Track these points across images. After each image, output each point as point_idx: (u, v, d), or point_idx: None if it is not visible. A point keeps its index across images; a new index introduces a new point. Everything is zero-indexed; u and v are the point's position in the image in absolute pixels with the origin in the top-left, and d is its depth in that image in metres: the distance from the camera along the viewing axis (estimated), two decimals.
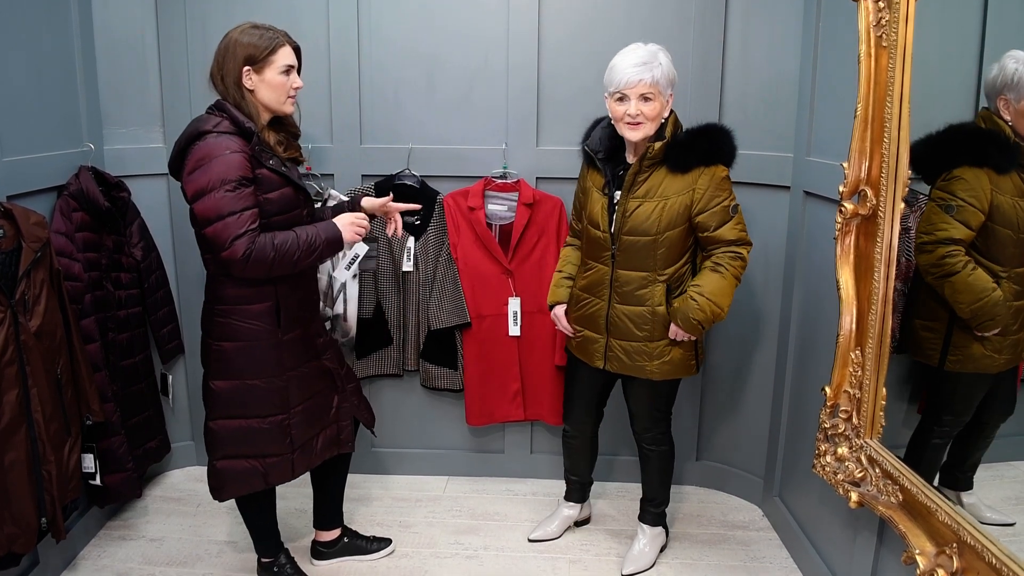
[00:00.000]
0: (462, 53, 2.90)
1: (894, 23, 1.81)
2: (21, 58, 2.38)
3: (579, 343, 2.49)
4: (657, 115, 2.20)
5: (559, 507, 2.86)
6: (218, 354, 2.17)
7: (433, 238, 2.98)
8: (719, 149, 2.25)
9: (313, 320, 2.34)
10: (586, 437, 2.69)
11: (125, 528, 2.84)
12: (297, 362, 2.24)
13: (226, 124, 2.03)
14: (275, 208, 2.09)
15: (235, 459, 2.23)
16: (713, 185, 2.23)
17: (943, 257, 1.71)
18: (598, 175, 2.37)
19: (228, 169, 1.96)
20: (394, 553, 2.72)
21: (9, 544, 2.04)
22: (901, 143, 1.83)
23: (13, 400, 1.99)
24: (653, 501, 2.67)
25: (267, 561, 2.49)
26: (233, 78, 2.07)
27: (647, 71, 2.13)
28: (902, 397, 2.01)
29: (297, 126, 2.28)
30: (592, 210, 2.36)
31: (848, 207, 2.00)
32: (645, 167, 2.24)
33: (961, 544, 1.60)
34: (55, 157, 2.52)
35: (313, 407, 2.32)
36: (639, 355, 2.36)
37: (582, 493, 2.83)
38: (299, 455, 2.29)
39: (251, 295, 2.12)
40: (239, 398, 2.18)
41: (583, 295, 2.45)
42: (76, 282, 2.44)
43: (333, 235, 2.14)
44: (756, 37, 2.78)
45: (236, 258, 1.95)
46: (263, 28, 2.10)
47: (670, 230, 2.25)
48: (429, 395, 3.20)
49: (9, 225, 2.06)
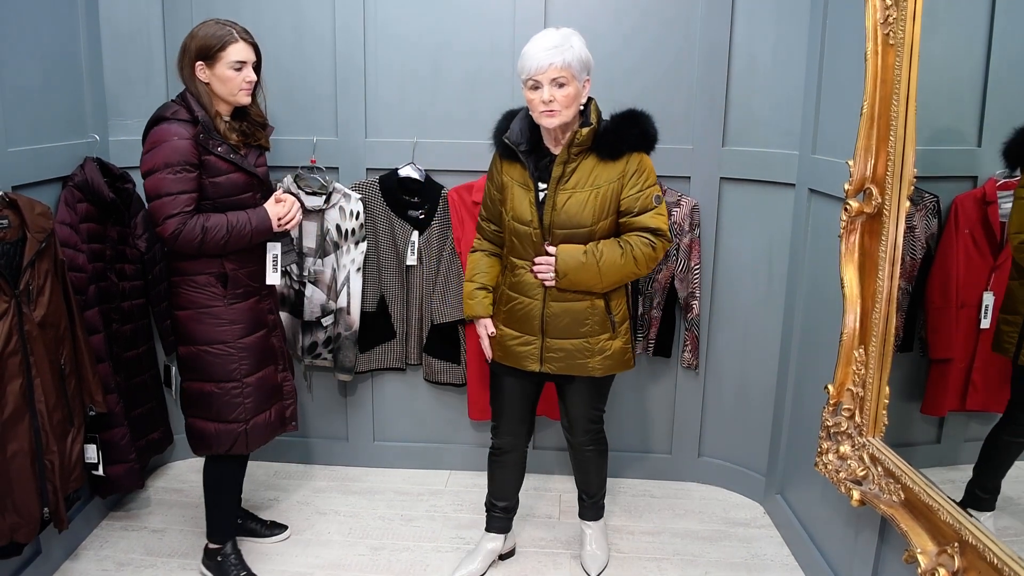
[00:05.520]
0: (468, 46, 2.90)
1: (901, 21, 1.80)
2: (26, 49, 2.38)
3: (505, 349, 2.33)
4: (573, 101, 2.08)
5: (481, 541, 2.62)
6: (177, 321, 2.34)
7: (437, 232, 2.98)
8: (647, 135, 2.17)
9: (265, 296, 2.45)
10: (520, 452, 2.51)
11: (127, 519, 2.85)
12: (246, 332, 2.36)
13: (182, 112, 2.21)
14: (221, 192, 2.25)
15: (201, 420, 2.37)
16: (642, 171, 2.17)
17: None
18: (518, 168, 2.24)
19: (172, 153, 2.15)
20: (395, 547, 2.73)
21: (11, 533, 2.05)
22: (907, 141, 1.82)
23: (16, 390, 2.00)
24: (595, 496, 2.63)
25: (214, 547, 2.50)
26: (188, 72, 2.24)
27: (557, 54, 2.03)
28: (904, 396, 2.01)
29: (263, 114, 2.43)
30: (517, 206, 2.23)
31: (853, 205, 1.99)
32: (573, 155, 2.15)
33: (962, 543, 1.60)
34: (60, 148, 2.52)
35: (264, 382, 2.42)
36: (580, 353, 2.26)
37: (508, 521, 2.62)
38: (252, 428, 2.38)
39: (198, 266, 2.27)
40: (196, 363, 2.33)
41: (512, 295, 2.29)
42: (80, 273, 2.44)
43: (262, 222, 2.29)
44: (762, 33, 2.77)
45: (165, 235, 2.16)
46: (221, 24, 2.24)
47: (604, 219, 2.17)
48: (432, 389, 3.21)
49: (14, 215, 2.06)
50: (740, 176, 2.89)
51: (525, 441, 2.52)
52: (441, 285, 2.98)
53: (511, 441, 2.48)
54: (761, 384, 2.97)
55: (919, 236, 1.91)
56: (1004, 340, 1.73)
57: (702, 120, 2.82)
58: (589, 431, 2.48)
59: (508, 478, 2.56)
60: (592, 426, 2.48)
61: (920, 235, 1.91)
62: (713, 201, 2.91)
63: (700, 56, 2.81)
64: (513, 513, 2.62)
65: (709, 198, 2.90)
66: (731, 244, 2.97)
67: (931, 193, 1.87)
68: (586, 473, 2.58)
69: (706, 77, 2.83)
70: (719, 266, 3.00)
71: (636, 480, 3.21)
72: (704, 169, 2.87)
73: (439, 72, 2.93)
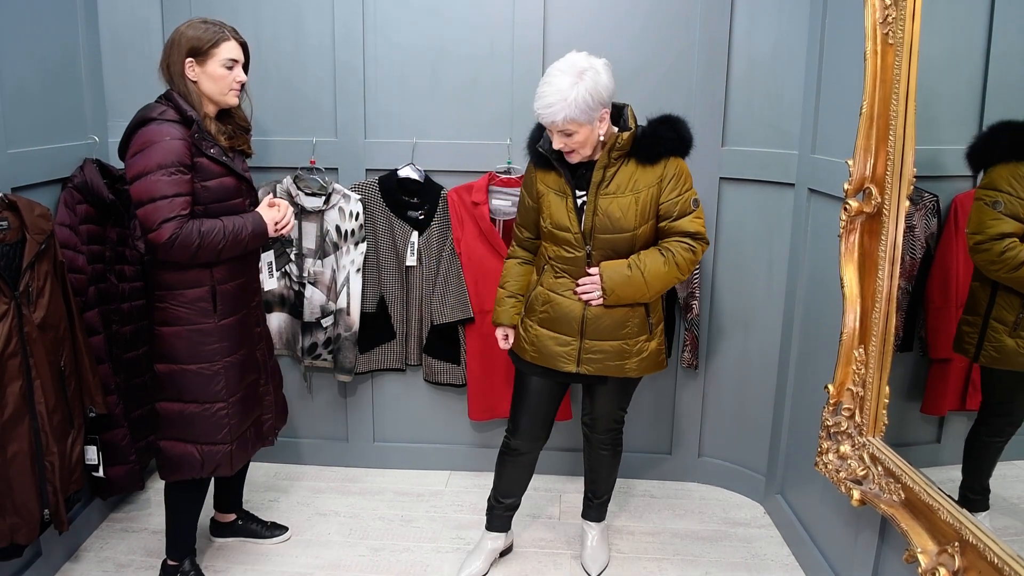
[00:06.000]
0: (467, 48, 2.90)
1: (901, 20, 1.80)
2: (26, 50, 2.38)
3: (540, 349, 2.30)
4: (587, 141, 2.10)
5: (482, 540, 2.62)
6: (159, 338, 2.23)
7: (437, 233, 2.98)
8: (683, 139, 2.18)
9: (252, 308, 2.38)
10: (535, 454, 2.49)
11: (127, 520, 2.85)
12: (233, 350, 2.27)
13: (171, 112, 2.12)
14: (213, 196, 2.17)
15: (176, 441, 2.27)
16: (680, 175, 2.18)
17: (1002, 253, 1.66)
18: (552, 176, 2.24)
19: (167, 154, 2.05)
20: (395, 548, 2.73)
21: (12, 535, 2.05)
22: (907, 141, 1.82)
23: (16, 392, 2.00)
24: (602, 497, 2.64)
25: (172, 564, 2.44)
26: (178, 69, 2.16)
27: (557, 113, 2.01)
28: (904, 395, 2.00)
29: (247, 119, 2.36)
30: (555, 213, 2.22)
31: (853, 205, 1.99)
32: (614, 159, 2.15)
33: (963, 543, 1.60)
34: (60, 149, 2.52)
35: (247, 397, 2.34)
36: (619, 354, 2.26)
37: (509, 520, 2.62)
38: (237, 447, 2.31)
39: (187, 280, 2.18)
40: (177, 382, 2.23)
41: (551, 295, 2.27)
42: (80, 274, 2.44)
43: (259, 227, 2.22)
44: (762, 33, 2.77)
45: (161, 241, 2.03)
46: (210, 23, 2.18)
47: (645, 223, 2.18)
48: (431, 389, 3.21)
49: (13, 217, 2.06)
50: (740, 176, 2.89)
51: (542, 444, 2.49)
52: (441, 286, 2.98)
53: (528, 444, 2.45)
54: (761, 384, 2.97)
55: (919, 236, 1.91)
56: (964, 341, 1.78)
57: (702, 120, 2.81)
58: (611, 430, 2.50)
59: (518, 478, 2.54)
60: (615, 426, 2.50)
61: (920, 234, 1.91)
62: (713, 201, 2.91)
63: (700, 56, 2.81)
64: (514, 512, 2.62)
65: (709, 198, 2.90)
66: (731, 244, 2.97)
67: (931, 192, 1.87)
68: (597, 473, 2.59)
69: (706, 77, 2.83)
70: (719, 266, 3.00)
71: (636, 480, 3.21)
72: (704, 169, 2.86)
73: (438, 72, 2.93)
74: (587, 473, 2.63)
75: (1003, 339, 1.68)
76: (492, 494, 2.59)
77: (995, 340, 1.70)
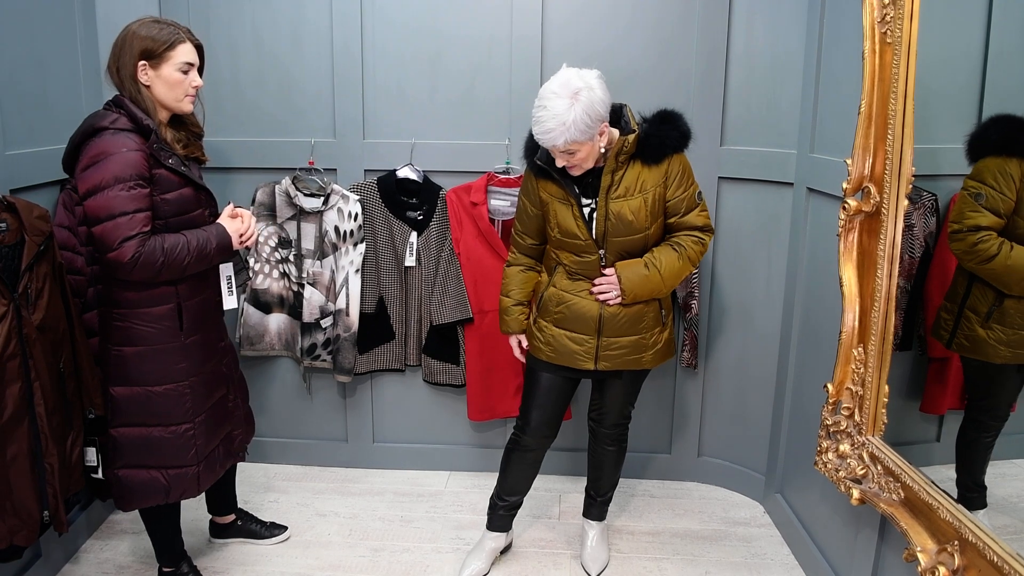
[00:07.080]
0: (466, 48, 2.90)
1: (898, 19, 1.80)
2: (24, 51, 2.38)
3: (557, 349, 2.31)
4: (590, 154, 2.09)
5: (482, 540, 2.63)
6: (118, 359, 2.12)
7: (436, 233, 2.98)
8: (685, 135, 2.19)
9: (216, 324, 2.29)
10: (543, 451, 2.49)
11: (127, 522, 2.85)
12: (199, 368, 2.19)
13: (123, 121, 1.98)
14: (172, 209, 2.05)
15: (137, 468, 2.17)
16: (684, 172, 2.19)
17: (975, 244, 1.69)
18: (553, 185, 2.23)
19: (124, 167, 1.92)
20: (395, 548, 2.73)
21: (11, 536, 2.04)
22: (905, 140, 1.82)
23: (16, 393, 1.99)
24: (604, 496, 2.65)
25: (168, 571, 2.42)
26: (129, 72, 2.01)
27: (557, 138, 2.00)
28: (904, 394, 2.01)
29: (200, 125, 2.23)
30: (562, 221, 2.22)
31: (851, 204, 1.99)
32: (621, 163, 2.15)
33: (962, 542, 1.60)
34: (58, 151, 2.50)
35: (214, 415, 2.27)
36: (636, 348, 2.29)
37: (510, 519, 2.63)
38: (204, 468, 2.23)
39: (151, 297, 2.07)
40: (141, 405, 2.13)
41: (565, 295, 2.28)
42: (79, 276, 2.44)
43: (223, 240, 2.11)
44: (760, 33, 2.77)
45: (123, 261, 1.91)
46: (164, 23, 2.05)
47: (656, 222, 2.20)
48: (431, 390, 3.21)
49: (12, 219, 2.06)
50: (738, 175, 2.89)
51: (550, 441, 2.49)
52: (440, 286, 2.98)
53: (538, 440, 2.46)
54: (760, 383, 2.97)
55: (918, 234, 1.91)
56: (941, 327, 1.84)
57: (700, 119, 2.81)
58: (618, 425, 2.51)
59: (524, 475, 2.54)
60: (623, 421, 2.52)
61: (919, 233, 1.91)
62: (712, 200, 2.91)
63: (698, 55, 2.81)
64: (516, 511, 2.62)
65: (708, 197, 2.89)
66: (730, 243, 2.97)
67: (929, 191, 1.88)
68: (601, 470, 2.60)
69: (704, 76, 2.83)
70: (718, 265, 3.00)
71: (636, 480, 3.21)
72: (702, 168, 2.86)
73: (437, 73, 2.93)
74: (590, 470, 2.63)
75: (975, 329, 1.72)
76: (495, 493, 2.59)
77: (968, 329, 1.74)
